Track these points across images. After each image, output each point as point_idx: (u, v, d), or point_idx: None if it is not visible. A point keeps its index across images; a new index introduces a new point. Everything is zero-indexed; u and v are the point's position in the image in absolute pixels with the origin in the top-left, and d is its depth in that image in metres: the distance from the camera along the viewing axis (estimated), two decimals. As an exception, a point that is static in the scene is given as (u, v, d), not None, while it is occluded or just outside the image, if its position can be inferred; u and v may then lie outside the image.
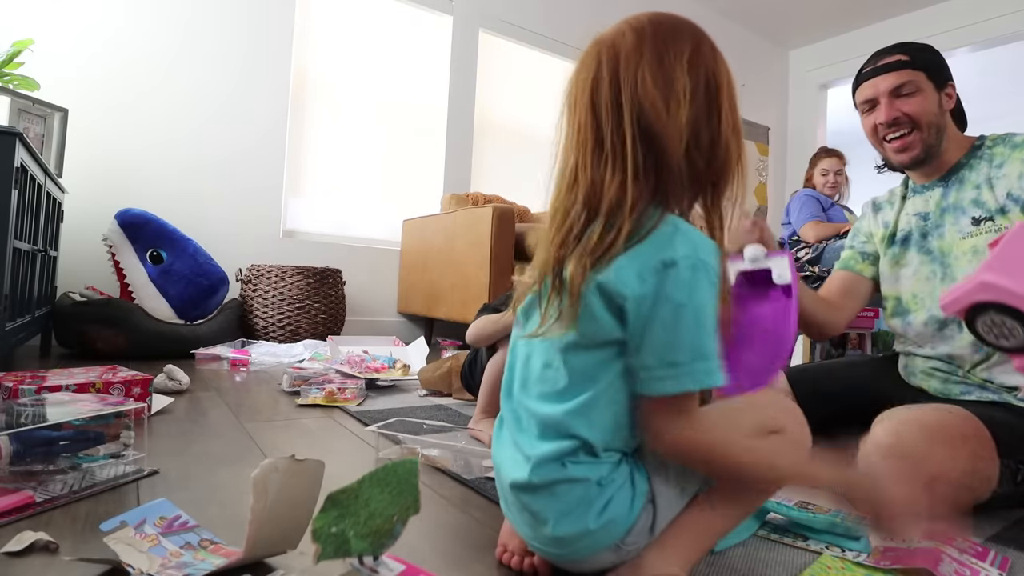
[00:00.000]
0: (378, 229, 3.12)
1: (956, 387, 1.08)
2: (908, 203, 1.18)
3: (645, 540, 0.57)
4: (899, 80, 1.08)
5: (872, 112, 1.13)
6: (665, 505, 0.57)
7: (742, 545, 0.71)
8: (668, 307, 0.52)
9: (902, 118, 1.08)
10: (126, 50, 2.40)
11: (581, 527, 0.56)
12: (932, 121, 1.07)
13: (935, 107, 1.08)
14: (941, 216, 1.11)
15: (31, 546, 0.61)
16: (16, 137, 1.33)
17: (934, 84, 1.08)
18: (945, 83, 1.10)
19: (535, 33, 3.63)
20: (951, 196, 1.10)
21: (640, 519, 0.57)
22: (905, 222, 1.17)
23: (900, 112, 1.08)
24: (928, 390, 1.11)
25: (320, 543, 0.49)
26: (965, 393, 1.06)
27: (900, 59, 1.09)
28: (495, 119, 3.51)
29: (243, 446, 1.04)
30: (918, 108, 1.07)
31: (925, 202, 1.14)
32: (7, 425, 0.75)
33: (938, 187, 1.13)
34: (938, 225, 1.11)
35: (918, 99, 1.07)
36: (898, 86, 1.08)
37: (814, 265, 2.38)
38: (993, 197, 1.04)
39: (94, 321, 1.91)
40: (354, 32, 3.03)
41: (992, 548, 0.73)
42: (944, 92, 1.09)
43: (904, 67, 1.08)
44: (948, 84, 1.10)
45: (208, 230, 2.54)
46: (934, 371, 1.11)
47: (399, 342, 2.53)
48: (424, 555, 0.65)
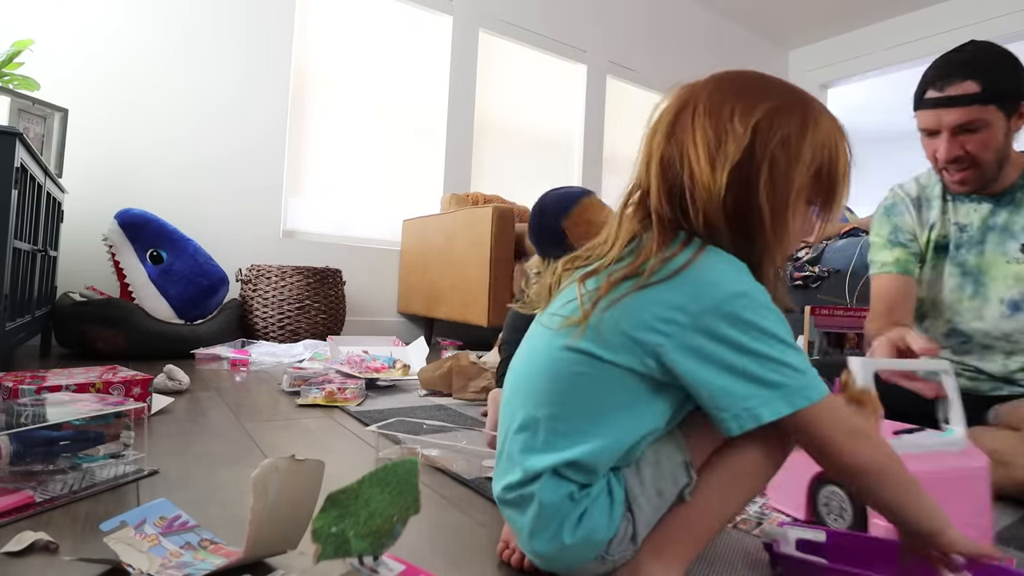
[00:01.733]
0: (378, 229, 3.12)
1: (985, 384, 1.08)
2: (950, 208, 1.12)
3: (630, 548, 0.56)
4: (967, 117, 0.97)
5: (932, 139, 1.03)
6: (644, 512, 0.55)
7: (742, 545, 0.71)
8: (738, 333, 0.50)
9: (964, 156, 1.00)
10: (126, 50, 2.40)
11: (556, 543, 0.54)
12: (995, 157, 1.00)
13: (1001, 138, 0.98)
14: (984, 233, 1.07)
15: (31, 546, 0.61)
16: (16, 137, 1.33)
17: (1005, 113, 0.97)
18: (1018, 106, 0.98)
19: (535, 33, 3.63)
20: (1001, 217, 1.05)
21: (620, 529, 0.55)
22: (948, 229, 1.12)
23: (963, 151, 0.99)
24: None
25: (320, 543, 0.49)
26: (995, 390, 1.07)
27: (971, 92, 0.95)
28: (495, 119, 3.51)
29: (243, 446, 1.04)
30: (982, 146, 0.98)
31: (968, 214, 1.10)
32: (7, 425, 0.75)
33: (987, 203, 1.07)
34: (979, 241, 1.08)
35: (984, 136, 0.97)
36: (964, 123, 0.97)
37: (814, 265, 2.38)
38: None
39: (94, 321, 1.91)
40: (354, 32, 3.03)
41: (992, 548, 0.73)
42: (1015, 117, 0.98)
43: (974, 102, 0.96)
44: (1021, 105, 0.98)
45: (208, 230, 2.54)
46: (962, 371, 1.10)
47: (399, 342, 2.53)
48: (424, 555, 0.65)
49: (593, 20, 3.89)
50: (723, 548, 0.70)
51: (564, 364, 0.55)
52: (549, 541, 0.55)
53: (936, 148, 1.01)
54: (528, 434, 0.56)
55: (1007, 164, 1.03)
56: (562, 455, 0.54)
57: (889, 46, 4.43)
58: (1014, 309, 1.05)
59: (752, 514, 0.82)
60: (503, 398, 0.62)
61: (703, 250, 0.53)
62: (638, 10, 4.11)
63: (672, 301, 0.51)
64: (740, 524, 0.77)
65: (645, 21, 4.15)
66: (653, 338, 0.52)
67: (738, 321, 0.50)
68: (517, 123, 3.61)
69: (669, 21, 4.27)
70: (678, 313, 0.51)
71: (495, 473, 0.61)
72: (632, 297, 0.52)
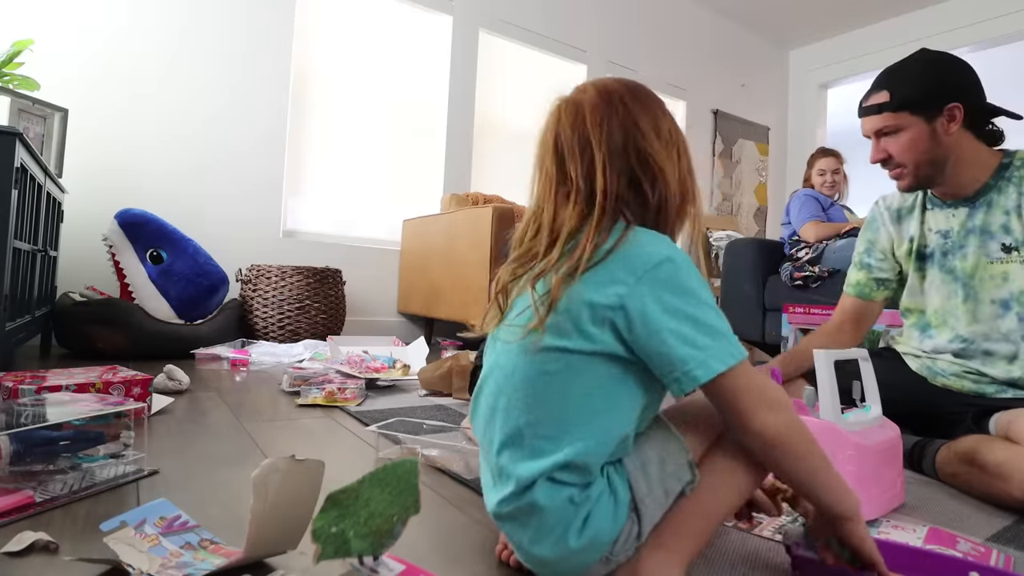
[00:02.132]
0: (378, 229, 3.12)
1: (989, 387, 1.09)
2: (929, 217, 1.16)
3: (633, 547, 0.57)
4: (880, 123, 1.07)
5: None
6: (650, 510, 0.56)
7: (742, 545, 0.71)
8: (673, 296, 0.54)
9: (889, 158, 1.09)
10: (126, 50, 2.40)
11: (562, 548, 0.55)
12: (923, 158, 1.06)
13: (925, 141, 1.04)
14: (965, 237, 1.10)
15: (31, 546, 0.61)
16: (16, 137, 1.33)
17: (923, 116, 1.04)
18: (942, 108, 1.03)
19: (535, 33, 3.63)
20: (978, 218, 1.09)
21: (625, 528, 0.56)
22: (927, 238, 1.16)
23: (886, 153, 1.08)
24: (962, 390, 1.12)
25: (320, 543, 0.49)
26: (1000, 392, 1.08)
27: (881, 101, 1.07)
28: (495, 119, 3.51)
29: (243, 446, 1.04)
30: (902, 150, 1.06)
31: (947, 219, 1.13)
32: (7, 425, 0.75)
33: (963, 207, 1.11)
34: (961, 246, 1.10)
35: (903, 140, 1.06)
36: (879, 129, 1.08)
37: (814, 265, 2.38)
38: (1021, 227, 1.04)
39: (94, 321, 1.91)
40: (354, 32, 3.03)
41: (994, 548, 0.73)
42: (940, 120, 1.03)
43: (883, 110, 1.06)
44: (946, 109, 1.03)
45: (208, 230, 2.54)
46: (966, 374, 1.12)
47: (399, 342, 2.53)
48: (424, 555, 0.65)
49: (593, 20, 3.89)
50: (727, 549, 0.70)
51: (534, 367, 0.57)
52: (554, 546, 0.55)
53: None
54: (513, 447, 0.57)
55: (957, 165, 1.07)
56: (552, 459, 0.54)
57: (889, 46, 4.43)
58: (1005, 308, 1.07)
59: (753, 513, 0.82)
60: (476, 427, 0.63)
61: (629, 230, 0.58)
62: (638, 10, 4.11)
63: (612, 276, 0.55)
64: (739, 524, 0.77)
65: (645, 21, 4.15)
66: (605, 313, 0.55)
67: (671, 285, 0.55)
68: (517, 123, 3.61)
69: (669, 21, 4.27)
70: (619, 286, 0.55)
71: (485, 491, 0.61)
72: (578, 283, 0.56)
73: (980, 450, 0.92)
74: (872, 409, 0.90)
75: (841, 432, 0.81)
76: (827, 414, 0.83)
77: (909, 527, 0.79)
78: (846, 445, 0.80)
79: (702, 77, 4.48)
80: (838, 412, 0.83)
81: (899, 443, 0.87)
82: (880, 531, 0.77)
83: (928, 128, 1.04)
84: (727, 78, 4.65)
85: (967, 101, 1.03)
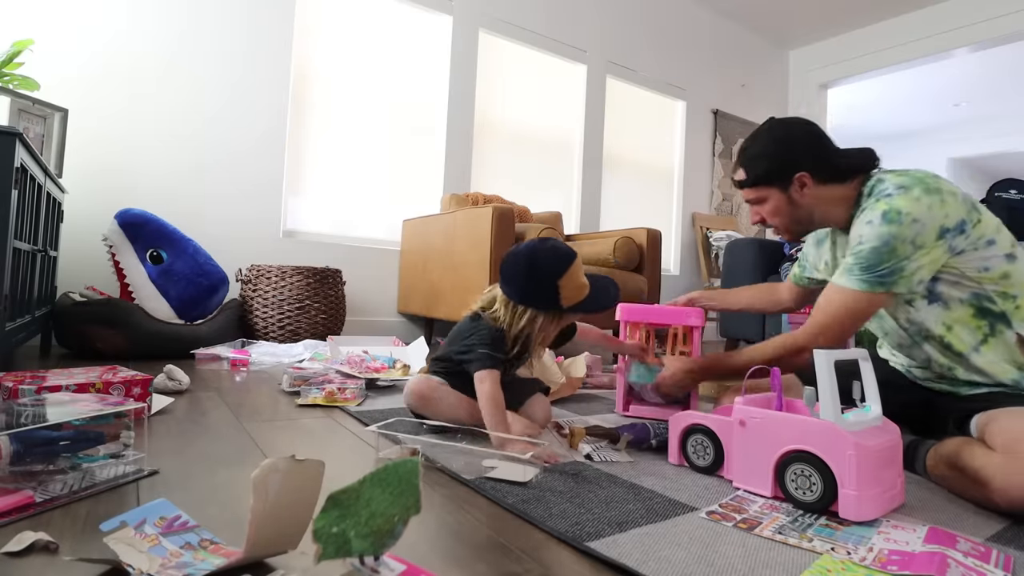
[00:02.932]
0: (378, 229, 3.12)
1: (963, 388, 1.12)
2: (840, 242, 1.25)
3: None
4: (747, 196, 1.22)
5: None
6: None
7: (742, 545, 0.71)
8: None
9: (763, 220, 1.22)
10: (126, 50, 2.40)
11: None
12: (788, 220, 1.18)
13: (785, 206, 1.17)
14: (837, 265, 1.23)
15: (31, 546, 0.61)
16: (16, 137, 1.32)
17: (778, 187, 1.16)
18: (791, 177, 1.14)
19: (535, 33, 3.63)
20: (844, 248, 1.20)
21: None
22: (839, 263, 1.25)
23: (760, 216, 1.22)
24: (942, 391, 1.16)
25: (321, 543, 0.49)
26: (972, 387, 1.10)
27: (741, 179, 1.21)
28: (495, 119, 3.51)
29: (243, 446, 1.04)
30: (771, 214, 1.19)
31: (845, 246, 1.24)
32: (7, 425, 0.75)
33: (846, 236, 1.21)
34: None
35: (769, 207, 1.19)
36: (748, 200, 1.22)
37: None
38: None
39: (94, 321, 1.91)
40: (354, 32, 3.03)
41: (994, 548, 0.73)
42: (793, 186, 1.15)
43: (743, 186, 1.21)
44: (795, 176, 1.14)
45: (208, 230, 2.54)
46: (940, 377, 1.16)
47: (399, 342, 2.53)
48: (425, 555, 0.65)
49: (593, 20, 3.89)
50: (726, 549, 0.70)
51: None
52: None
53: None
54: None
55: (822, 213, 1.17)
56: None
57: (889, 46, 4.44)
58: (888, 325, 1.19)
59: (753, 513, 0.82)
60: None
61: None
62: (638, 10, 4.11)
63: None
64: (722, 518, 0.77)
65: (645, 21, 4.15)
66: None
67: None
68: (517, 123, 3.61)
69: (669, 21, 4.27)
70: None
71: None
72: None
73: (961, 454, 0.94)
74: (872, 409, 0.90)
75: (842, 432, 0.81)
76: (827, 414, 0.83)
77: (909, 527, 0.79)
78: (847, 445, 0.80)
79: (702, 77, 4.48)
80: (838, 412, 0.83)
81: (899, 443, 0.88)
82: (880, 531, 0.77)
83: (785, 196, 1.16)
84: (727, 78, 4.65)
85: (811, 166, 1.14)
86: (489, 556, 0.66)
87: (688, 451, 1.02)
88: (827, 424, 0.83)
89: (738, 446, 0.94)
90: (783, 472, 0.87)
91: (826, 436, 0.82)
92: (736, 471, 0.94)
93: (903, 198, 1.01)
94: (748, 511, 0.83)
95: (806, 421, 0.85)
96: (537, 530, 0.74)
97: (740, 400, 0.95)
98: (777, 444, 0.88)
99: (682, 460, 1.03)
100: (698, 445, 1.01)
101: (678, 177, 4.44)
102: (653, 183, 4.33)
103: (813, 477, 0.83)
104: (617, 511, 0.80)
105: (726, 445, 0.96)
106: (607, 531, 0.72)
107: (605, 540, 0.70)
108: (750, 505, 0.85)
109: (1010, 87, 5.74)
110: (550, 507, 0.80)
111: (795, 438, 0.86)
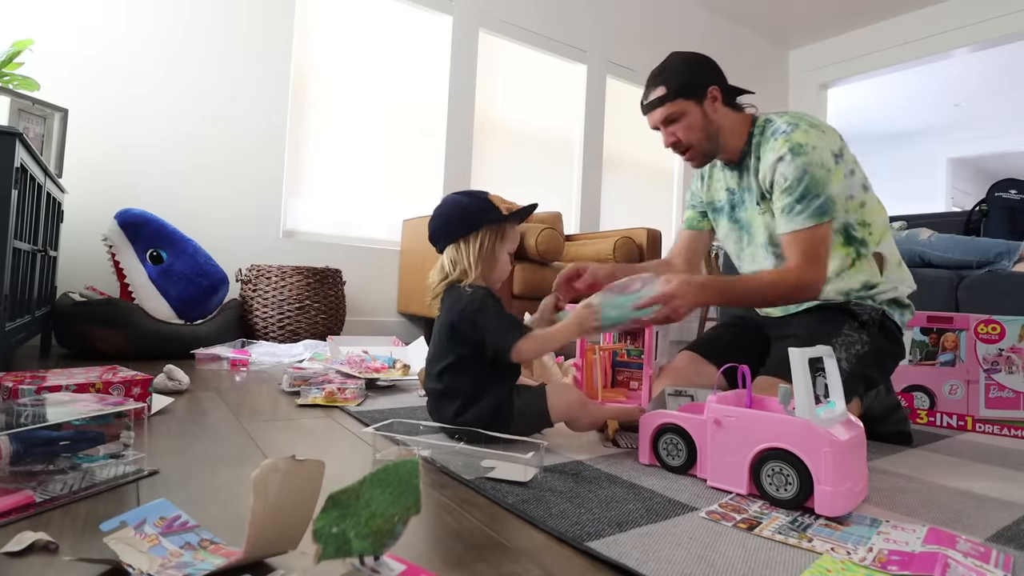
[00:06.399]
0: (378, 229, 3.12)
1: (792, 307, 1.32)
2: (718, 175, 1.40)
3: None
4: (665, 113, 1.27)
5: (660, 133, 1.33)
6: None
7: (742, 545, 0.71)
8: None
9: (678, 141, 1.28)
10: (126, 50, 2.40)
11: None
12: (702, 135, 1.27)
13: (700, 120, 1.26)
14: (742, 194, 1.33)
15: (31, 546, 0.61)
16: (16, 137, 1.32)
17: (695, 100, 1.25)
18: (705, 91, 1.24)
19: (535, 33, 3.63)
20: (745, 179, 1.31)
21: None
22: (720, 195, 1.40)
23: (675, 137, 1.28)
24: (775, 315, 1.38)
25: (321, 543, 0.49)
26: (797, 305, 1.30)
27: (662, 94, 1.26)
28: (495, 119, 3.51)
29: (243, 446, 1.04)
30: (687, 131, 1.26)
31: (728, 179, 1.36)
32: (7, 425, 0.75)
33: (735, 170, 1.34)
34: (742, 200, 1.34)
35: (685, 123, 1.26)
36: (665, 117, 1.27)
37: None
38: (757, 186, 1.28)
39: (94, 321, 1.91)
40: (354, 32, 3.03)
41: (994, 548, 0.73)
42: (707, 99, 1.25)
43: (665, 101, 1.26)
44: (709, 90, 1.25)
45: (208, 230, 2.54)
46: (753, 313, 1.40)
47: (399, 342, 2.53)
48: (424, 555, 0.65)
49: (593, 20, 3.89)
50: (726, 549, 0.70)
51: None
52: None
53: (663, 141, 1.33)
54: None
55: (725, 135, 1.28)
56: None
57: (889, 46, 4.44)
58: (765, 250, 1.31)
59: (753, 513, 0.82)
60: None
61: None
62: (637, 10, 4.11)
63: None
64: (722, 518, 0.77)
65: (645, 21, 4.15)
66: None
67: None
68: (517, 123, 3.61)
69: (669, 21, 4.27)
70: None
71: None
72: None
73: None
74: (837, 405, 0.91)
75: (817, 430, 0.82)
76: (803, 412, 0.83)
77: (909, 527, 0.79)
78: (823, 442, 0.81)
79: (702, 77, 4.48)
80: (814, 410, 0.84)
81: (864, 437, 0.90)
82: (880, 531, 0.77)
83: (700, 110, 1.25)
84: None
85: (721, 83, 1.27)
86: (489, 556, 0.66)
87: (660, 451, 1.01)
88: (803, 422, 0.83)
89: (713, 445, 0.93)
90: (759, 470, 0.87)
91: (802, 433, 0.83)
92: (711, 470, 0.94)
93: (798, 133, 1.15)
94: (748, 511, 0.83)
95: (782, 419, 0.86)
96: (537, 530, 0.74)
97: (713, 399, 0.95)
98: (753, 442, 0.88)
99: (653, 460, 1.02)
100: (670, 445, 0.99)
101: (678, 177, 4.44)
102: (653, 183, 4.33)
103: (790, 476, 0.84)
104: (617, 511, 0.80)
105: (699, 444, 0.96)
106: (607, 531, 0.72)
107: (605, 540, 0.70)
108: (750, 505, 0.85)
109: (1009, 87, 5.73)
110: (550, 507, 0.80)
111: (771, 436, 0.86)
